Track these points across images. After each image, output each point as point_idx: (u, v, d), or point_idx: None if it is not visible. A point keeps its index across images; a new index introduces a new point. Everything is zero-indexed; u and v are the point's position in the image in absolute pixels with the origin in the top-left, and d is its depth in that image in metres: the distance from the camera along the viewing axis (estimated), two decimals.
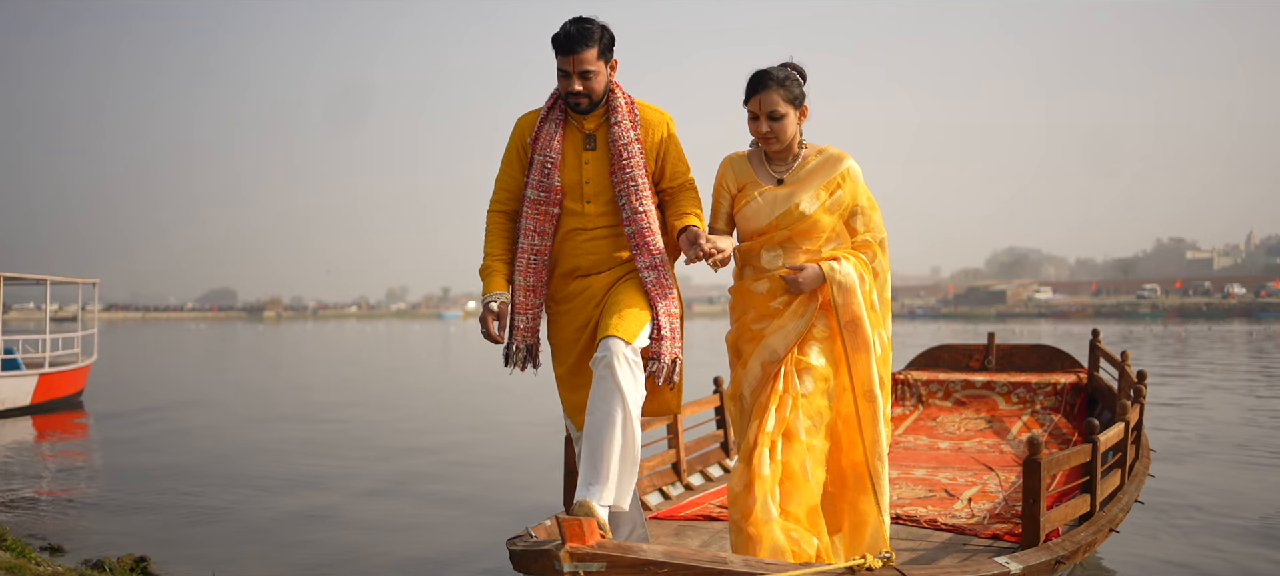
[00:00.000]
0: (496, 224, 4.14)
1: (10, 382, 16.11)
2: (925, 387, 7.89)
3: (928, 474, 5.94)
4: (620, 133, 4.01)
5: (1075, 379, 7.58)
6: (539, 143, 4.04)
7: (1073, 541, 4.18)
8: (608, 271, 4.08)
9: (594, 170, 4.05)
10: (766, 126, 3.99)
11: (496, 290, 4.01)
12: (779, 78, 3.98)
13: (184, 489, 9.08)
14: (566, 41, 3.90)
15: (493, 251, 4.10)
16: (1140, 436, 6.06)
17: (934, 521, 4.84)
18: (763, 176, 4.10)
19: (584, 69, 3.91)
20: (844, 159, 4.06)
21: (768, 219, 4.05)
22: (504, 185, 4.15)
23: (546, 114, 4.07)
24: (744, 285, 4.14)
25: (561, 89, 3.99)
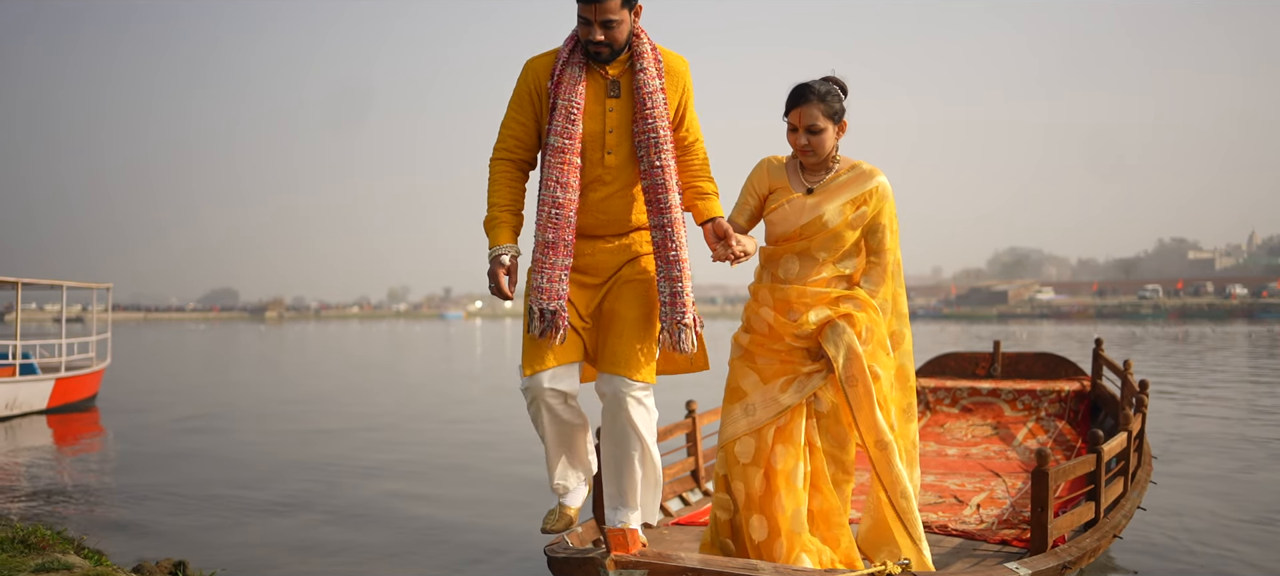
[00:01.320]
0: (502, 172, 3.87)
1: (28, 387, 16.34)
2: (933, 394, 8.09)
3: (937, 480, 6.14)
4: (646, 80, 3.84)
5: (1079, 386, 7.79)
6: (562, 87, 3.78)
7: (1078, 547, 4.40)
8: (617, 239, 3.93)
9: (618, 118, 3.86)
10: (805, 139, 4.08)
11: (506, 243, 3.77)
12: (820, 93, 4.06)
13: (208, 492, 9.26)
14: None
15: (499, 201, 3.84)
16: (1142, 444, 6.27)
17: (945, 527, 5.02)
18: (795, 184, 4.20)
19: (607, 17, 3.69)
20: (875, 175, 4.15)
21: (794, 226, 4.15)
22: (512, 132, 3.88)
23: (567, 56, 3.82)
24: (758, 285, 4.27)
25: (583, 36, 3.75)
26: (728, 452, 4.13)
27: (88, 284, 19.47)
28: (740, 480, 4.08)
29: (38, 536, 3.95)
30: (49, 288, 18.67)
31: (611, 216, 3.87)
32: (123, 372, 25.37)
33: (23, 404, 16.21)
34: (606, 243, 3.90)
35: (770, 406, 4.07)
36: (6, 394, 15.87)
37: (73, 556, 3.75)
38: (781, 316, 4.10)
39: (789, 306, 4.10)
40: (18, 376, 16.18)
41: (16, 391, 16.07)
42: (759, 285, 4.27)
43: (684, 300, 3.81)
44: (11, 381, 15.99)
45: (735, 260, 3.88)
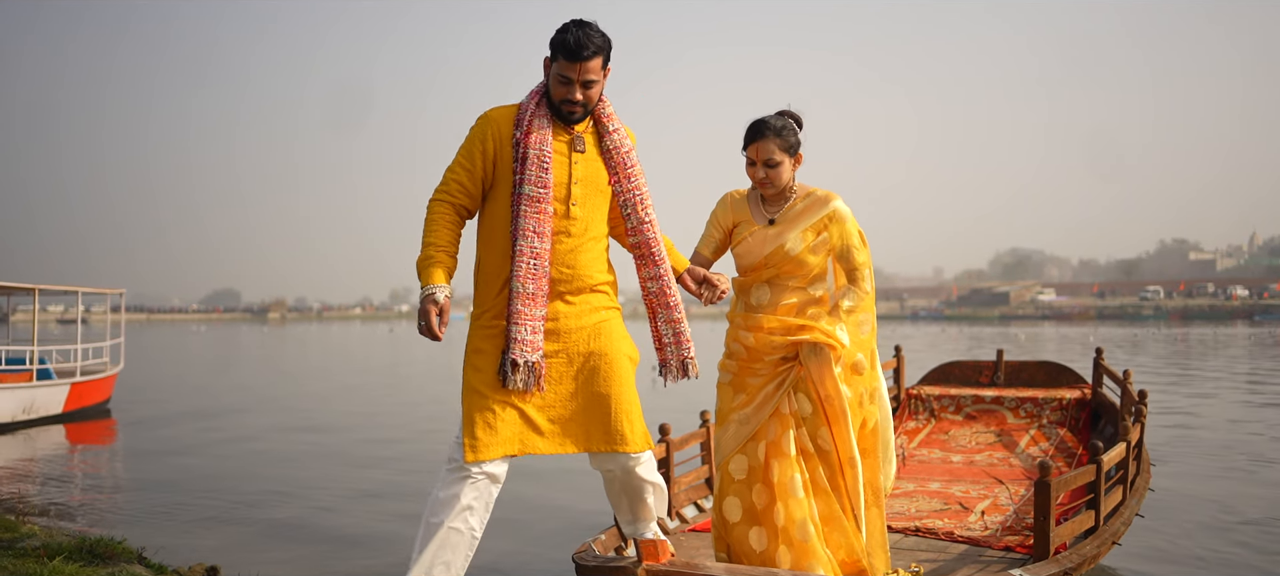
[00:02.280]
0: (443, 214, 3.81)
1: (45, 392, 16.58)
2: (937, 402, 8.31)
3: (942, 486, 6.36)
4: (621, 140, 3.98)
5: (1080, 394, 8.00)
6: (531, 137, 3.80)
7: (1079, 554, 4.63)
8: (579, 296, 3.91)
9: (582, 172, 3.91)
10: (763, 172, 4.26)
11: (442, 283, 3.70)
12: (776, 128, 4.24)
13: (227, 495, 9.46)
14: (577, 48, 3.73)
15: (438, 242, 3.77)
16: (1141, 453, 6.49)
17: (951, 533, 5.23)
18: (757, 216, 4.38)
19: (588, 78, 3.78)
20: (831, 200, 4.32)
21: (759, 256, 4.32)
22: (458, 178, 3.83)
23: (533, 109, 3.85)
24: (733, 315, 4.45)
25: (558, 95, 3.81)
26: (724, 473, 4.31)
27: (102, 289, 19.75)
28: (737, 496, 4.26)
29: (103, 546, 4.16)
30: (66, 294, 18.93)
31: (576, 271, 3.88)
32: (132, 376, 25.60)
33: (39, 409, 16.45)
34: (568, 301, 3.88)
35: (762, 408, 4.26)
36: (24, 399, 16.12)
37: (137, 566, 3.97)
38: (760, 338, 4.28)
39: (764, 330, 4.28)
40: (35, 381, 16.43)
41: (34, 397, 16.32)
42: (735, 313, 4.46)
43: (686, 337, 4.06)
44: (29, 387, 16.24)
45: (717, 299, 4.22)
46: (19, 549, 4.09)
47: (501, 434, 3.71)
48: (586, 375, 3.85)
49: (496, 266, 3.84)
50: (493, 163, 3.83)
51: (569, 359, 3.85)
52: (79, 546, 4.09)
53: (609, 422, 3.82)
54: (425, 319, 3.64)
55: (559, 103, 3.81)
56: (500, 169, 3.83)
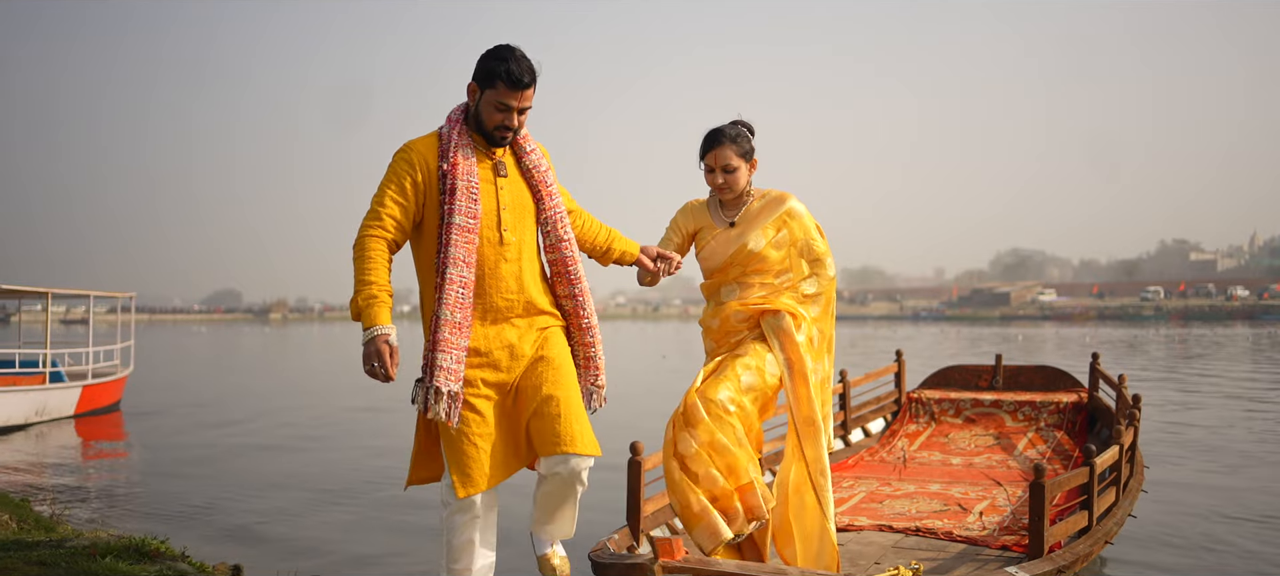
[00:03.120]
0: (379, 251, 3.77)
1: (58, 394, 16.83)
2: (938, 406, 8.52)
3: (942, 488, 6.56)
4: (538, 160, 4.06)
5: (1076, 398, 8.21)
6: (458, 167, 3.84)
7: (1072, 553, 4.84)
8: (522, 319, 3.99)
9: (509, 197, 3.97)
10: (721, 178, 4.57)
11: (387, 323, 3.68)
12: (731, 135, 4.56)
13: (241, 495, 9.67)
14: (520, 78, 3.83)
15: (377, 281, 3.73)
16: (1135, 455, 6.70)
17: (950, 533, 5.43)
18: (717, 220, 4.70)
19: (525, 105, 3.89)
20: (786, 199, 4.66)
21: (722, 258, 4.66)
22: (391, 213, 3.81)
23: (456, 138, 3.91)
24: (706, 319, 4.75)
25: (494, 121, 3.88)
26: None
27: (114, 293, 20.00)
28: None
29: (148, 546, 4.36)
30: (79, 297, 19.18)
31: (524, 293, 3.95)
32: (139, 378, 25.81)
33: (52, 410, 16.69)
34: (513, 323, 3.95)
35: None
36: (37, 401, 16.35)
37: (182, 564, 4.18)
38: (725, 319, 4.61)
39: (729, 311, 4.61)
40: (47, 384, 16.66)
41: (46, 398, 16.56)
42: (706, 317, 4.77)
43: (597, 363, 4.13)
44: (42, 389, 16.48)
45: (672, 271, 4.56)
46: (68, 548, 4.30)
47: (486, 464, 3.81)
48: (536, 385, 3.90)
49: (433, 298, 3.87)
50: (423, 195, 3.85)
51: (526, 375, 3.93)
52: (126, 545, 4.29)
53: (560, 425, 3.84)
54: (378, 359, 3.62)
55: (493, 128, 3.89)
56: (429, 201, 3.86)
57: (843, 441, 7.89)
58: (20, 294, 17.78)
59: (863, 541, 5.21)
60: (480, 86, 3.87)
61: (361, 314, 3.66)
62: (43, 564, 4.04)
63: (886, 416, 8.55)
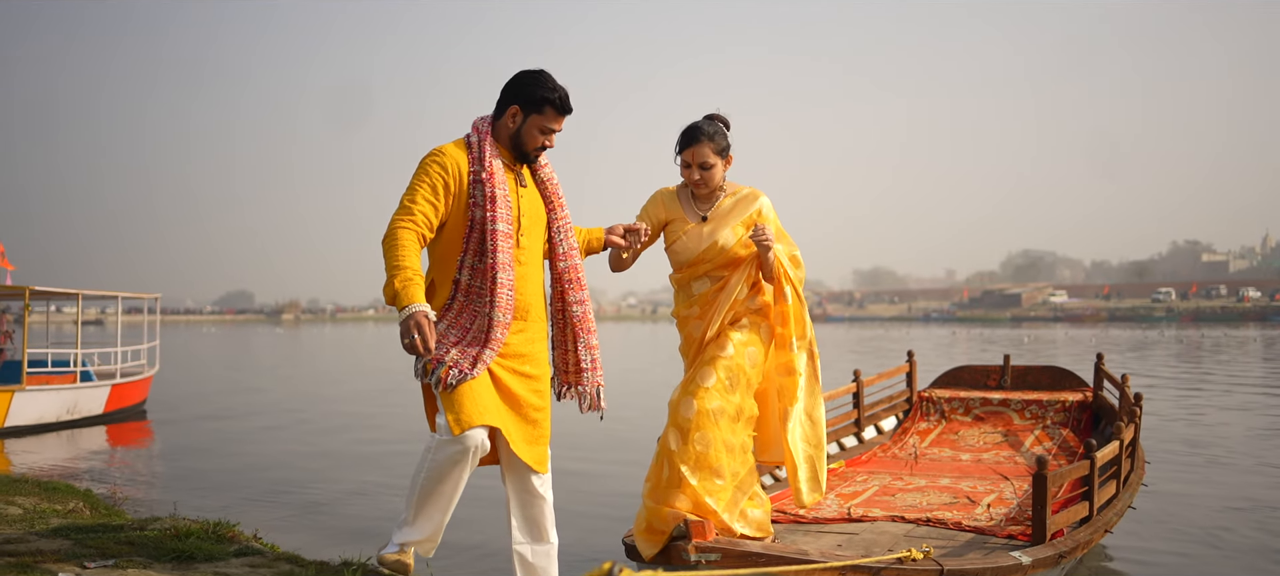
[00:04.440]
0: (412, 241, 3.96)
1: (87, 393, 17.23)
2: (948, 404, 8.83)
3: (952, 482, 6.86)
4: (552, 174, 4.38)
5: (1082, 397, 8.52)
6: (495, 176, 4.09)
7: (1073, 540, 5.19)
8: (536, 320, 4.27)
9: (527, 206, 4.24)
10: (697, 174, 4.73)
11: (422, 301, 3.85)
12: (709, 133, 4.71)
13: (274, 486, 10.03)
14: (568, 107, 4.21)
15: (413, 265, 3.91)
16: (1135, 451, 7.01)
17: (959, 524, 5.70)
18: (690, 214, 4.87)
19: (560, 129, 4.25)
20: (757, 197, 4.83)
21: (694, 253, 4.80)
22: (424, 211, 4.02)
23: (487, 150, 4.15)
24: (681, 311, 4.95)
25: (535, 143, 4.19)
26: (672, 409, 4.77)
27: (140, 294, 20.44)
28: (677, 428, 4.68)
29: (225, 528, 4.72)
30: (108, 298, 19.62)
31: (527, 297, 4.20)
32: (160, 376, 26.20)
33: (82, 409, 17.09)
34: (523, 324, 4.20)
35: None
36: (68, 400, 16.75)
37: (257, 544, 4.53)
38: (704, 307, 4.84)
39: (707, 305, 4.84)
40: (78, 383, 17.07)
41: (77, 398, 16.95)
42: (679, 309, 4.97)
43: (598, 363, 4.42)
44: (72, 388, 16.88)
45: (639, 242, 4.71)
46: (151, 529, 4.63)
47: (484, 404, 4.01)
48: (535, 397, 4.22)
49: (446, 293, 4.12)
50: (453, 198, 4.08)
51: (530, 379, 4.21)
52: (204, 528, 4.64)
53: (541, 447, 4.24)
54: (420, 332, 3.78)
55: (534, 149, 4.21)
56: (457, 204, 4.09)
57: (857, 438, 8.18)
58: (52, 295, 18.18)
59: (876, 531, 5.47)
60: (525, 110, 4.16)
61: (398, 295, 3.83)
62: (132, 543, 4.39)
63: (898, 415, 8.83)
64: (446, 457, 3.98)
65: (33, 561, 4.09)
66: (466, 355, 4.00)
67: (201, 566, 4.13)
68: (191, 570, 4.08)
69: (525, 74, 4.20)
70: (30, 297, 17.17)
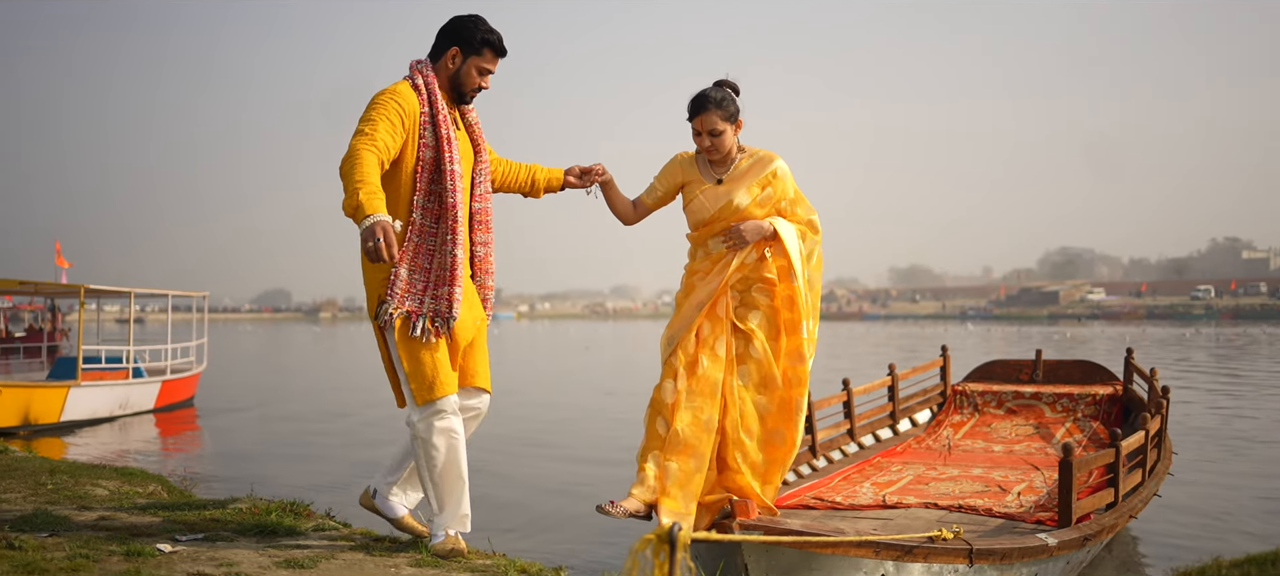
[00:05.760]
0: (372, 160, 3.95)
1: (138, 389, 17.70)
2: (981, 398, 9.04)
3: (983, 472, 7.07)
4: (476, 118, 4.51)
5: (1112, 391, 8.70)
6: (444, 118, 4.25)
7: (1098, 524, 5.43)
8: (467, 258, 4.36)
9: (461, 149, 4.36)
10: (708, 141, 4.80)
11: (384, 211, 3.84)
12: (717, 99, 4.77)
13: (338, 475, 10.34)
14: (504, 48, 4.38)
15: (372, 180, 3.89)
16: (1162, 442, 7.21)
17: (990, 510, 5.91)
18: (706, 176, 4.92)
19: (494, 71, 4.40)
20: (772, 160, 4.89)
21: (710, 213, 4.86)
22: (383, 135, 4.06)
23: (433, 92, 4.26)
24: (693, 265, 5.00)
25: (473, 83, 4.34)
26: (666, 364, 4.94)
27: (189, 292, 20.93)
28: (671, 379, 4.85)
29: (301, 507, 5.02)
30: (159, 296, 20.12)
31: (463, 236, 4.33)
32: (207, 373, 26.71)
33: (133, 404, 17.56)
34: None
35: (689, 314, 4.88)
36: (121, 395, 17.22)
37: (330, 522, 4.83)
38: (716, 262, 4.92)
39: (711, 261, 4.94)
40: (130, 379, 17.53)
41: (129, 393, 17.42)
42: (691, 264, 5.05)
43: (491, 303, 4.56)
44: (125, 383, 17.35)
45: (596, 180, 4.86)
46: (232, 507, 4.93)
47: (446, 369, 4.21)
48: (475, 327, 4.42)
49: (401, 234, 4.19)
50: (407, 134, 4.17)
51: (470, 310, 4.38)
52: (282, 506, 4.94)
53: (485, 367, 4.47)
54: (386, 237, 3.76)
55: (471, 89, 4.36)
56: (409, 143, 4.20)
57: (891, 430, 8.39)
58: (105, 293, 18.67)
59: (910, 516, 5.69)
60: (464, 52, 4.32)
61: (360, 206, 3.80)
62: (216, 520, 4.69)
63: (932, 408, 9.03)
64: (438, 433, 4.19)
65: (128, 536, 4.41)
66: (441, 299, 4.18)
67: (283, 540, 4.44)
68: (275, 543, 4.38)
69: (463, 17, 4.35)
70: (85, 295, 17.64)
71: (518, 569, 4.17)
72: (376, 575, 3.93)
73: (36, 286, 18.34)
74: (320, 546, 4.32)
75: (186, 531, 4.56)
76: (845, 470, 7.02)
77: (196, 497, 5.61)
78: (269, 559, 4.09)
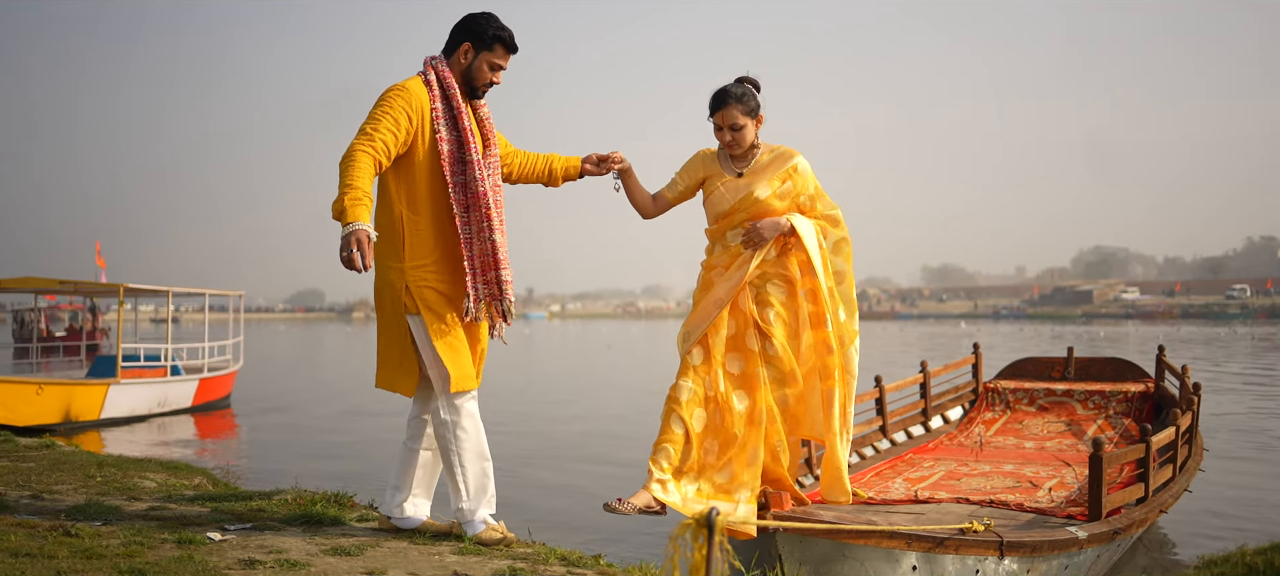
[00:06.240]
0: (367, 165, 4.12)
1: (176, 387, 17.95)
2: (1013, 395, 9.08)
3: (1015, 468, 7.13)
4: (488, 113, 4.58)
5: (1144, 388, 8.74)
6: (465, 112, 4.38)
7: (1128, 517, 5.48)
8: None
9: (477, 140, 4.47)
10: (729, 136, 4.83)
11: (366, 221, 4.01)
12: (737, 94, 4.80)
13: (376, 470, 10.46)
14: (516, 45, 4.49)
15: (362, 186, 4.06)
16: (1193, 438, 7.25)
17: (1021, 505, 5.98)
18: (727, 170, 4.92)
19: (506, 67, 4.49)
20: (793, 156, 4.90)
21: (729, 204, 4.87)
22: (386, 140, 4.19)
23: (448, 87, 4.39)
24: (711, 260, 5.00)
25: (484, 79, 4.44)
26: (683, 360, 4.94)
27: (226, 292, 21.19)
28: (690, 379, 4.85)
29: (345, 498, 5.13)
30: (196, 295, 20.41)
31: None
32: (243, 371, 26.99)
33: (172, 402, 17.80)
34: None
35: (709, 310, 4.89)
36: (159, 393, 17.47)
37: (372, 513, 4.95)
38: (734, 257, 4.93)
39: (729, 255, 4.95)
40: (168, 377, 17.78)
41: (167, 390, 17.66)
42: (708, 259, 5.07)
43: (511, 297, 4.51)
44: (164, 381, 17.59)
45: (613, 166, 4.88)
46: (278, 498, 5.08)
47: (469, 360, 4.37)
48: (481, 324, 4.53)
49: (427, 225, 4.33)
50: (416, 134, 4.28)
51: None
52: (326, 497, 5.05)
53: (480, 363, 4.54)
54: (359, 247, 3.93)
55: (483, 84, 4.46)
56: (423, 139, 4.31)
57: (924, 427, 8.44)
58: (143, 292, 18.93)
59: (942, 511, 5.74)
60: (476, 48, 4.42)
61: (344, 212, 3.99)
62: (262, 511, 4.83)
63: (965, 405, 9.08)
64: (466, 416, 4.33)
65: (179, 525, 4.54)
66: (491, 283, 4.36)
67: (328, 529, 4.56)
68: (320, 532, 4.50)
69: (475, 14, 4.45)
70: (124, 294, 17.89)
71: (558, 556, 4.27)
72: (421, 562, 4.03)
73: (76, 285, 18.60)
74: (365, 535, 4.44)
75: (234, 521, 4.69)
76: (877, 465, 7.10)
77: (241, 489, 5.74)
78: (316, 547, 4.20)
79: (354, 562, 3.98)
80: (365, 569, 3.89)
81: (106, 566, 3.70)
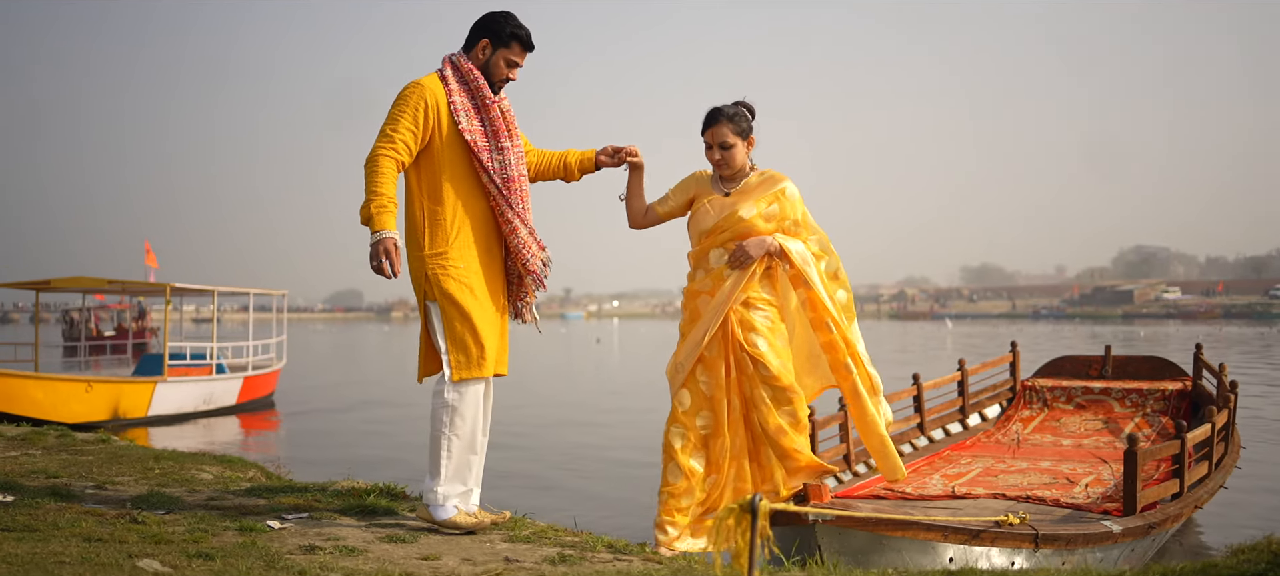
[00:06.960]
0: (391, 169, 4.34)
1: (222, 384, 18.24)
2: (1050, 393, 9.12)
3: (1052, 465, 7.18)
4: (509, 106, 4.67)
5: (1181, 386, 8.75)
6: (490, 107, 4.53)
7: (1163, 512, 5.55)
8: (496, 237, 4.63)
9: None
10: (718, 154, 4.88)
11: (392, 228, 4.28)
12: (729, 114, 4.87)
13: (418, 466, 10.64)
14: (533, 43, 4.63)
15: (387, 192, 4.30)
16: (1229, 435, 7.29)
17: (1057, 501, 6.02)
18: (716, 189, 4.97)
19: (522, 64, 4.62)
20: (781, 180, 4.93)
21: (713, 221, 4.89)
22: (404, 139, 4.38)
23: (468, 83, 4.53)
24: (694, 286, 5.03)
25: (501, 75, 4.57)
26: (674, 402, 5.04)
27: (270, 291, 21.49)
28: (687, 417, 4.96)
29: (397, 489, 5.30)
30: (240, 294, 20.73)
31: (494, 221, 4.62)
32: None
33: (217, 400, 18.10)
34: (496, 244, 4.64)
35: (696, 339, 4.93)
36: (205, 391, 17.77)
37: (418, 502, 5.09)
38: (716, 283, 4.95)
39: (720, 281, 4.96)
40: (214, 375, 18.07)
41: (212, 389, 17.95)
42: (691, 285, 5.11)
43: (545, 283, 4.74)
44: (209, 379, 17.88)
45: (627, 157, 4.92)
46: (332, 490, 5.20)
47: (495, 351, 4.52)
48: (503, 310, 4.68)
49: (450, 215, 4.46)
50: (433, 128, 4.43)
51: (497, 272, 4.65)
52: (381, 489, 5.23)
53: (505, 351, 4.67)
54: (388, 258, 4.25)
55: (500, 80, 4.58)
56: (439, 133, 4.45)
57: (961, 425, 8.50)
58: (189, 292, 19.24)
59: (979, 506, 5.80)
60: (494, 44, 4.56)
61: (371, 219, 4.28)
62: (317, 502, 4.97)
63: (1002, 403, 9.11)
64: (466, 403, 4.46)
65: (238, 514, 4.71)
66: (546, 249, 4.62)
67: (382, 519, 4.72)
68: (375, 521, 4.66)
69: (494, 13, 4.59)
70: (171, 294, 18.20)
71: (605, 543, 4.40)
72: (474, 550, 4.18)
73: (124, 285, 18.94)
74: (418, 525, 4.58)
75: (291, 511, 4.85)
76: (915, 462, 7.18)
77: (296, 481, 5.91)
78: (372, 535, 4.35)
79: (409, 549, 4.13)
80: (420, 555, 4.03)
81: (175, 551, 3.86)
